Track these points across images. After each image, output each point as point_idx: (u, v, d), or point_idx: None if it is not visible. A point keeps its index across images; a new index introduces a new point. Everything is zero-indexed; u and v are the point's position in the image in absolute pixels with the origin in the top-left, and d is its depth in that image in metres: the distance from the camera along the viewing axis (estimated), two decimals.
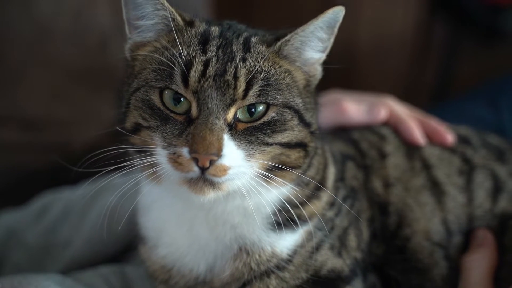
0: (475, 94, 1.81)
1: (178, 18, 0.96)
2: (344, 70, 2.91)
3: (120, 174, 0.96)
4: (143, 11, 0.96)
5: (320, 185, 1.04)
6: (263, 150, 0.92)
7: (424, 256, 1.08)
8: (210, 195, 0.92)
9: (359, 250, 1.06)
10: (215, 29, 0.97)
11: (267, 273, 0.99)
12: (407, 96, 2.95)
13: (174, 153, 0.89)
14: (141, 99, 0.94)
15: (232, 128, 0.90)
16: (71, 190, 1.42)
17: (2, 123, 1.64)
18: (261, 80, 0.91)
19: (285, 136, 0.94)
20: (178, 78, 0.90)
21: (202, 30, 0.97)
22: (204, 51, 0.92)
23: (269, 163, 0.94)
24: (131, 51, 1.01)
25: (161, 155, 0.91)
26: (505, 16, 2.73)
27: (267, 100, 0.92)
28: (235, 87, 0.90)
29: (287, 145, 0.94)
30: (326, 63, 1.02)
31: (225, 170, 0.88)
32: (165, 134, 0.91)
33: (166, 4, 0.95)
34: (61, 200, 1.39)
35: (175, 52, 0.92)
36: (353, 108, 1.26)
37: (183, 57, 0.91)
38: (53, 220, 1.34)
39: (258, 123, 0.92)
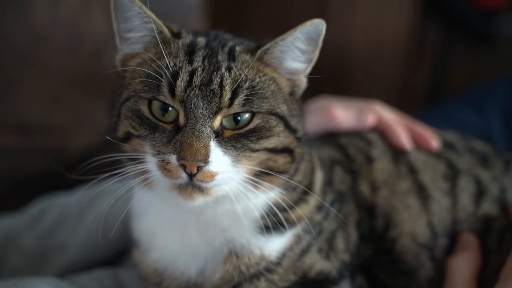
0: (462, 99, 1.82)
1: (165, 30, 0.99)
2: (338, 74, 2.92)
3: (114, 180, 0.98)
4: (132, 24, 0.99)
5: (307, 190, 1.06)
6: (250, 156, 0.95)
7: (410, 258, 1.10)
8: (199, 200, 0.94)
9: (347, 253, 1.09)
10: (201, 40, 1.00)
11: (257, 276, 1.02)
12: (400, 100, 2.99)
13: (163, 160, 0.92)
14: (131, 109, 0.96)
15: (218, 135, 0.93)
16: (67, 195, 1.44)
17: None
18: (246, 89, 0.94)
19: (271, 142, 0.96)
20: (165, 89, 0.93)
21: (188, 41, 0.99)
22: (190, 62, 0.95)
23: (257, 168, 0.96)
24: (122, 62, 1.03)
25: (151, 163, 0.94)
26: (497, 21, 2.75)
27: (252, 109, 0.94)
28: (221, 96, 0.92)
29: (274, 151, 0.97)
30: (318, 71, 1.03)
31: (212, 175, 0.91)
32: (154, 142, 0.93)
33: (154, 17, 0.97)
34: (57, 205, 1.40)
35: (162, 64, 0.94)
36: (342, 114, 1.28)
37: (170, 68, 0.93)
38: (49, 225, 1.35)
39: (244, 130, 0.94)
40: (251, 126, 0.95)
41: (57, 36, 1.68)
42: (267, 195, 1.01)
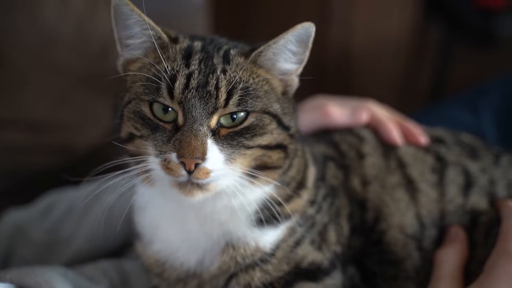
0: (457, 99, 1.84)
1: (164, 36, 1.03)
2: (341, 73, 2.94)
3: (119, 178, 1.02)
4: (131, 31, 1.03)
5: (300, 185, 1.11)
6: (244, 153, 0.99)
7: (398, 248, 1.14)
8: (199, 196, 0.99)
9: (339, 244, 1.13)
10: (197, 44, 1.04)
11: (252, 266, 1.06)
12: (402, 99, 3.02)
13: (165, 160, 0.96)
14: (133, 111, 1.01)
15: (215, 133, 0.97)
16: (74, 190, 1.48)
17: (9, 125, 1.68)
18: (240, 90, 0.98)
19: (265, 139, 1.00)
20: (164, 91, 0.97)
21: (185, 45, 1.04)
22: (187, 65, 0.99)
23: (253, 163, 1.01)
24: (123, 67, 1.08)
25: (154, 163, 0.98)
26: (498, 20, 2.77)
27: (247, 108, 0.98)
28: (217, 97, 0.96)
29: (267, 147, 1.01)
30: (321, 69, 1.08)
31: (207, 172, 0.95)
32: (156, 142, 0.98)
33: (152, 24, 1.02)
34: (65, 199, 1.44)
35: (160, 68, 0.99)
36: (337, 111, 1.33)
37: (168, 72, 0.98)
38: (58, 218, 1.40)
39: (239, 128, 0.99)
40: (245, 124, 0.99)
41: (65, 36, 1.72)
42: (263, 190, 1.05)
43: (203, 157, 0.94)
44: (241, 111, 0.99)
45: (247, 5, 2.83)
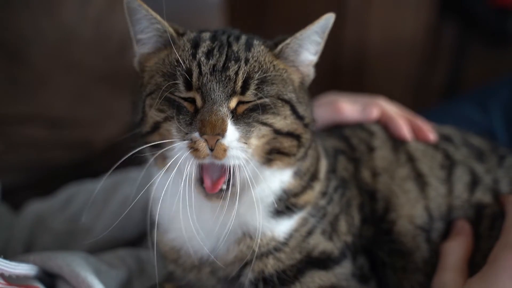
0: (468, 97, 1.86)
1: (171, 30, 1.07)
2: (356, 71, 2.95)
3: (137, 167, 1.07)
4: (141, 26, 1.07)
5: (313, 176, 1.14)
6: (259, 130, 1.02)
7: (408, 239, 1.18)
8: (219, 203, 1.05)
9: (349, 234, 1.17)
10: (205, 34, 1.08)
11: (266, 254, 1.10)
12: (416, 97, 3.02)
13: (191, 140, 0.99)
14: (159, 98, 1.04)
15: (233, 112, 1.01)
16: (93, 182, 1.52)
17: (29, 122, 1.72)
18: (257, 79, 1.01)
19: (278, 120, 1.03)
20: (181, 85, 1.01)
21: (193, 36, 1.08)
22: (198, 53, 1.03)
23: (266, 147, 1.04)
24: (139, 63, 1.12)
25: (181, 149, 1.01)
26: None
27: (263, 96, 1.01)
28: (235, 81, 1.00)
29: (279, 132, 1.04)
30: (337, 68, 1.11)
31: (224, 150, 0.98)
32: (180, 124, 1.01)
33: (159, 18, 1.06)
34: (84, 191, 1.49)
35: (174, 60, 1.03)
36: (348, 107, 1.36)
37: (182, 64, 1.02)
38: (77, 209, 1.44)
39: (251, 104, 1.02)
40: (258, 101, 1.02)
41: (84, 34, 1.75)
42: (280, 179, 1.09)
43: (223, 134, 0.97)
44: (259, 99, 1.02)
45: (263, 4, 2.86)
